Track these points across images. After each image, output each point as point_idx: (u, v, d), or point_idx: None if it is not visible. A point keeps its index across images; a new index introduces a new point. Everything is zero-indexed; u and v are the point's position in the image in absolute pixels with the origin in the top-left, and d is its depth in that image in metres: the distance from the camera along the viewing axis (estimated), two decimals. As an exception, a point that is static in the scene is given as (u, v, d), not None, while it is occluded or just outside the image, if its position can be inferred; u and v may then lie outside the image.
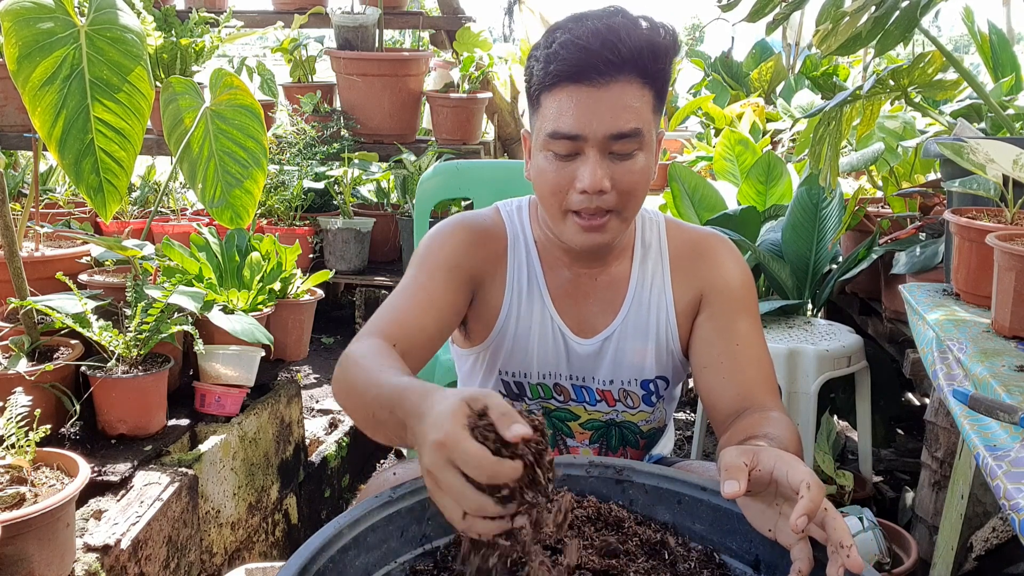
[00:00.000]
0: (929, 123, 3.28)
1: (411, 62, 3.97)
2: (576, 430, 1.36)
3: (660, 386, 1.32)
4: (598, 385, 1.31)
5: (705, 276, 1.28)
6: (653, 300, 1.28)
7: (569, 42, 1.09)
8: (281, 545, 2.23)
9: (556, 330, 1.28)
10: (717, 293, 1.26)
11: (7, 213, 1.72)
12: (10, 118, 3.83)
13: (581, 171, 1.12)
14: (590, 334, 1.29)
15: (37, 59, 1.70)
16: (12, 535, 1.26)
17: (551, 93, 1.12)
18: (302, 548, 0.84)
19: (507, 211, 1.33)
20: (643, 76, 1.11)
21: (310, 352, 2.59)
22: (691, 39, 9.91)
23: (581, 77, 1.09)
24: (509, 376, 1.33)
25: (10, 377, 1.64)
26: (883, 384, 2.61)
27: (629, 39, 1.08)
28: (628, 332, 1.28)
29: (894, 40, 2.15)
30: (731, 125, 5.44)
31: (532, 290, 1.29)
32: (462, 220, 1.31)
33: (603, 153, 1.12)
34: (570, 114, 1.10)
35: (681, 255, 1.30)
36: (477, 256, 1.27)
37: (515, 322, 1.29)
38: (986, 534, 1.68)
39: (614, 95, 1.09)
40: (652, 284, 1.28)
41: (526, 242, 1.30)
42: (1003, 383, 1.19)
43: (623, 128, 1.10)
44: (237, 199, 2.23)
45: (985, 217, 1.63)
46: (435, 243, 1.27)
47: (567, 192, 1.14)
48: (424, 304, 1.19)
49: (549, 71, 1.11)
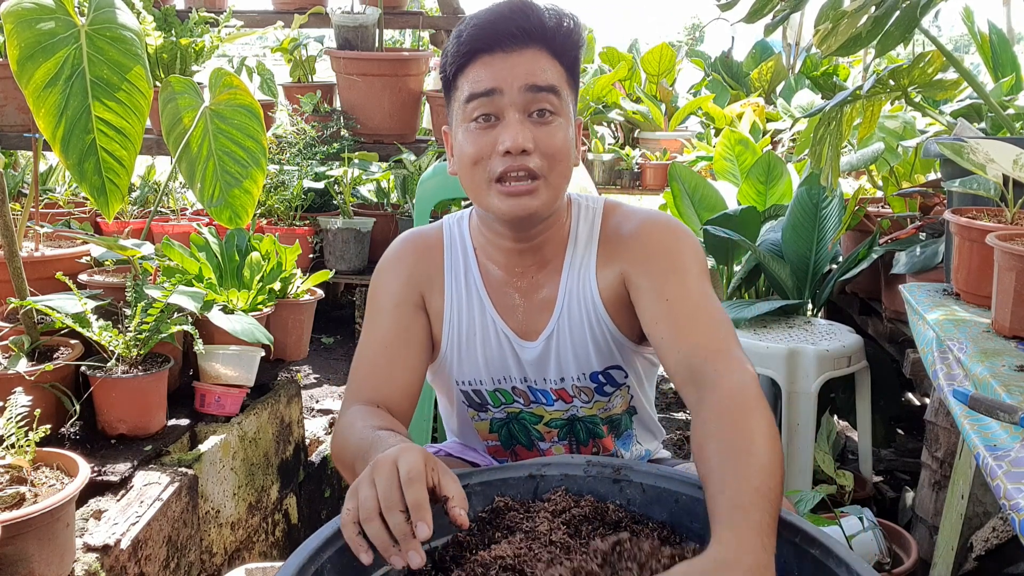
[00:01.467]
0: (929, 123, 3.28)
1: (411, 62, 3.97)
2: (543, 430, 1.35)
3: (615, 375, 1.29)
4: (551, 385, 1.30)
5: (625, 255, 1.23)
6: (582, 292, 1.25)
7: (477, 21, 1.14)
8: (281, 545, 2.23)
9: (500, 334, 1.27)
10: (638, 264, 1.21)
11: (7, 213, 1.72)
12: (10, 118, 3.83)
13: (502, 134, 1.12)
14: (533, 336, 1.27)
15: (39, 60, 1.70)
16: (12, 535, 1.26)
17: (464, 71, 1.15)
18: (301, 548, 0.84)
19: (448, 222, 1.34)
20: (551, 49, 1.14)
21: (310, 352, 2.59)
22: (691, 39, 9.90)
23: (491, 47, 1.13)
24: (467, 386, 1.32)
25: (10, 377, 1.64)
26: (883, 384, 2.61)
27: (535, 13, 1.13)
28: (565, 329, 1.26)
29: (894, 40, 2.15)
30: (731, 125, 5.44)
31: (471, 297, 1.28)
32: (403, 238, 1.34)
33: (523, 113, 1.13)
34: (485, 75, 1.13)
35: (608, 241, 1.26)
36: (416, 271, 1.28)
37: (459, 330, 1.28)
38: (986, 534, 1.68)
39: (526, 59, 1.13)
40: (580, 276, 1.25)
41: (464, 249, 1.30)
42: (1003, 383, 1.19)
43: (539, 81, 1.12)
44: (236, 199, 2.22)
45: (985, 217, 1.63)
46: (380, 279, 1.30)
47: (489, 158, 1.14)
48: (389, 356, 1.23)
49: (461, 50, 1.14)
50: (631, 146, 6.06)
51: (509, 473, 1.05)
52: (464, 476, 1.02)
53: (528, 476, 1.04)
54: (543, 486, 1.04)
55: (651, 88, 6.75)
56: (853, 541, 1.91)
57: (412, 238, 1.33)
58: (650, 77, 6.81)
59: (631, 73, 6.77)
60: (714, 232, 2.66)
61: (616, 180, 5.76)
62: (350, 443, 1.06)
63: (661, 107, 6.38)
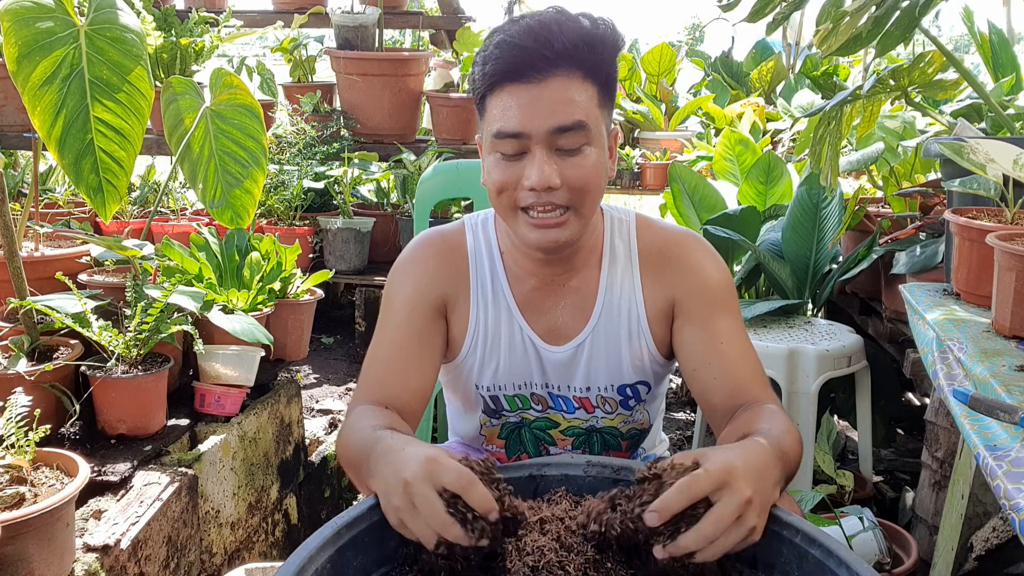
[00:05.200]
0: (929, 123, 3.28)
1: (411, 62, 3.97)
2: (557, 437, 1.35)
3: (640, 391, 1.31)
4: (575, 393, 1.29)
5: (677, 281, 1.25)
6: (624, 305, 1.26)
7: (503, 42, 1.10)
8: (281, 545, 2.23)
9: (526, 339, 1.27)
10: (693, 296, 1.24)
11: (7, 213, 1.72)
12: (10, 118, 3.84)
13: (528, 169, 1.11)
14: (561, 341, 1.27)
15: (36, 59, 1.70)
16: (12, 535, 1.26)
17: (493, 95, 1.12)
18: (300, 548, 0.84)
19: (471, 224, 1.32)
20: (583, 69, 1.10)
21: (310, 352, 2.59)
22: (691, 39, 9.90)
23: (518, 75, 1.09)
24: (484, 390, 1.32)
25: (10, 377, 1.64)
26: (883, 384, 2.61)
27: (563, 34, 1.08)
28: (600, 338, 1.26)
29: (894, 40, 2.15)
30: (731, 125, 5.44)
31: (498, 301, 1.27)
32: (423, 238, 1.32)
33: (549, 149, 1.11)
34: (512, 113, 1.10)
35: (651, 258, 1.27)
36: (439, 275, 1.27)
37: (484, 335, 1.27)
38: (986, 534, 1.68)
39: (554, 90, 1.09)
40: (622, 289, 1.26)
41: (490, 253, 1.29)
42: (1003, 383, 1.19)
43: (564, 122, 1.09)
44: (237, 199, 2.23)
45: (985, 217, 1.63)
46: (397, 279, 1.28)
47: (515, 189, 1.13)
48: (402, 358, 1.21)
49: (487, 72, 1.11)
50: (631, 146, 6.05)
51: (509, 473, 1.05)
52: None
53: (528, 476, 1.04)
54: (543, 486, 1.04)
55: (651, 88, 6.75)
56: (853, 541, 1.91)
57: (433, 239, 1.31)
58: (650, 77, 6.81)
59: (631, 73, 6.76)
60: (714, 232, 2.66)
61: (616, 180, 5.74)
62: (352, 444, 1.06)
63: (661, 107, 6.37)
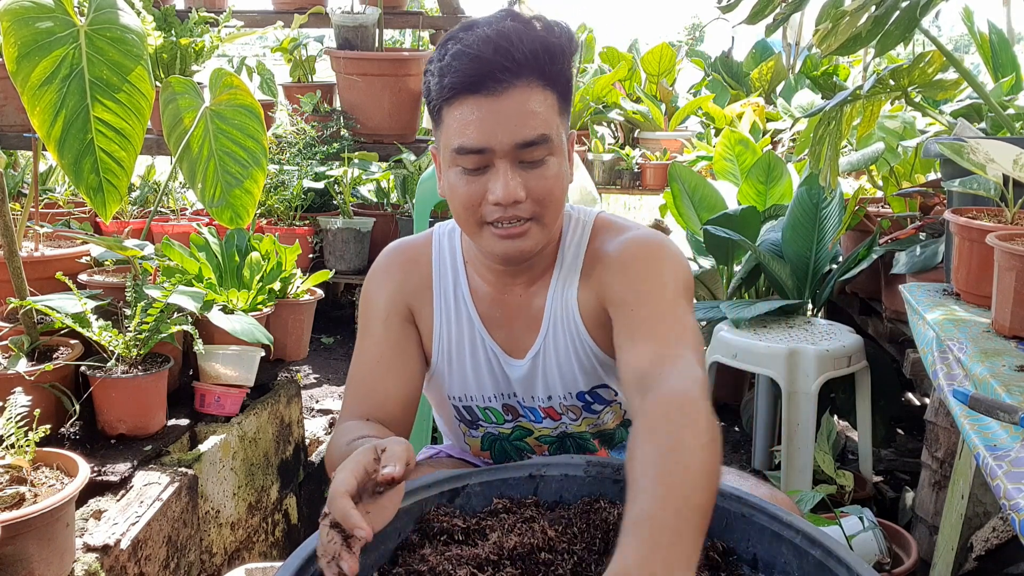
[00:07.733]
0: (929, 123, 3.28)
1: (411, 62, 3.97)
2: (533, 444, 1.34)
3: (602, 394, 1.28)
4: (540, 403, 1.29)
5: (602, 274, 1.19)
6: (567, 312, 1.23)
7: (461, 52, 1.05)
8: (281, 545, 2.23)
9: (489, 351, 1.26)
10: (615, 282, 1.17)
11: (7, 213, 1.72)
12: (10, 118, 3.83)
13: (493, 184, 1.08)
14: (520, 354, 1.26)
15: (36, 59, 1.70)
16: (12, 535, 1.26)
17: (450, 107, 1.08)
18: (300, 548, 0.84)
19: (439, 233, 1.31)
20: (542, 78, 1.08)
21: (310, 352, 2.59)
22: (691, 39, 9.90)
23: (478, 87, 1.05)
24: (458, 401, 1.31)
25: (10, 377, 1.64)
26: (883, 384, 2.61)
27: (522, 43, 1.05)
28: (550, 349, 1.24)
29: (894, 40, 2.15)
30: (731, 125, 5.44)
31: (460, 312, 1.27)
32: (389, 249, 1.32)
33: (513, 163, 1.08)
34: (473, 127, 1.06)
35: (592, 262, 1.22)
36: (403, 284, 1.27)
37: (448, 346, 1.27)
38: (986, 534, 1.68)
39: (515, 102, 1.06)
40: (564, 295, 1.23)
41: (454, 264, 1.28)
42: (1003, 383, 1.19)
43: (529, 136, 1.07)
44: (237, 199, 2.23)
45: (985, 217, 1.63)
46: (369, 291, 1.28)
47: (480, 205, 1.10)
48: (382, 369, 1.22)
49: (444, 84, 1.07)
50: (631, 146, 6.05)
51: (509, 473, 1.05)
52: (464, 476, 1.02)
53: (528, 476, 1.04)
54: (543, 486, 1.04)
55: (651, 88, 6.75)
56: (853, 541, 1.91)
57: (398, 249, 1.32)
58: (650, 77, 6.81)
59: (631, 73, 6.76)
60: (714, 232, 2.66)
61: (616, 180, 5.75)
62: (335, 462, 1.05)
63: (661, 107, 6.37)
